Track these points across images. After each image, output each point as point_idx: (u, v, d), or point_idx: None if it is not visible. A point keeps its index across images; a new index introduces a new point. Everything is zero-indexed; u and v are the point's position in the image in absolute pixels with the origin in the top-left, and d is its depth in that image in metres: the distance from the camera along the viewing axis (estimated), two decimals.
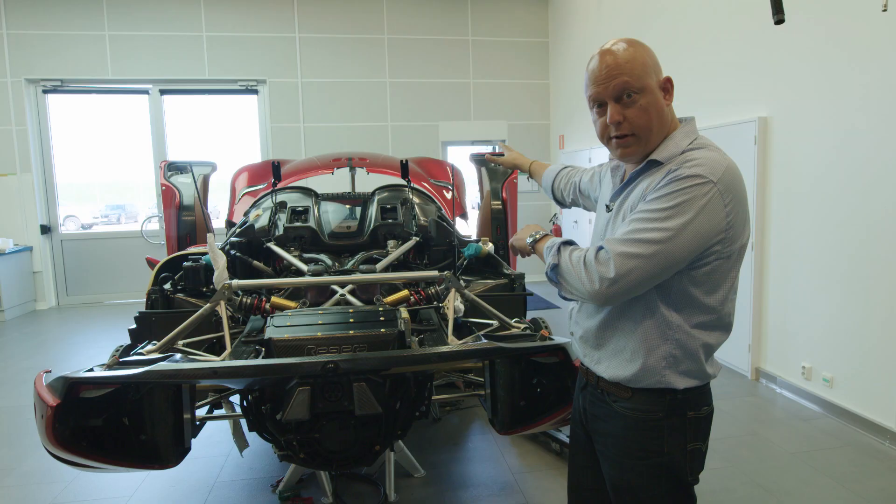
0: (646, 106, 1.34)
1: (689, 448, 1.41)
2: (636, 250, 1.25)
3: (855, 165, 3.58)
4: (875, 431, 3.48)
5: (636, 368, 1.39)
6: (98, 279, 8.09)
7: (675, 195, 1.26)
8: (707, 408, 1.45)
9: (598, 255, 1.30)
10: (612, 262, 1.27)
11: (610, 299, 1.31)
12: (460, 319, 2.70)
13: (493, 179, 4.16)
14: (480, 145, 8.98)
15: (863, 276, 3.56)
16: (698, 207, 1.25)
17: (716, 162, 1.30)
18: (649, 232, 1.26)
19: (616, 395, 1.44)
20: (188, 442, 2.02)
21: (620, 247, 1.27)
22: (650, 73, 1.35)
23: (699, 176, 1.26)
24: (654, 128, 1.37)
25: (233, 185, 4.60)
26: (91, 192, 9.30)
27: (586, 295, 1.32)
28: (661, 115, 1.37)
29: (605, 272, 1.27)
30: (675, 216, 1.25)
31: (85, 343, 6.07)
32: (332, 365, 1.73)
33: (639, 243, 1.26)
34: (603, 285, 1.28)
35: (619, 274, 1.26)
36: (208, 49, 7.94)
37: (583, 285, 1.31)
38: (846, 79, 3.62)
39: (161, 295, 2.87)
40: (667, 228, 1.25)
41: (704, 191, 1.25)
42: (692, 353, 1.38)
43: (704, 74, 4.97)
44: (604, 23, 7.04)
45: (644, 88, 1.34)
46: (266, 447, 3.24)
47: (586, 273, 1.30)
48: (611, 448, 1.48)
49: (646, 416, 1.40)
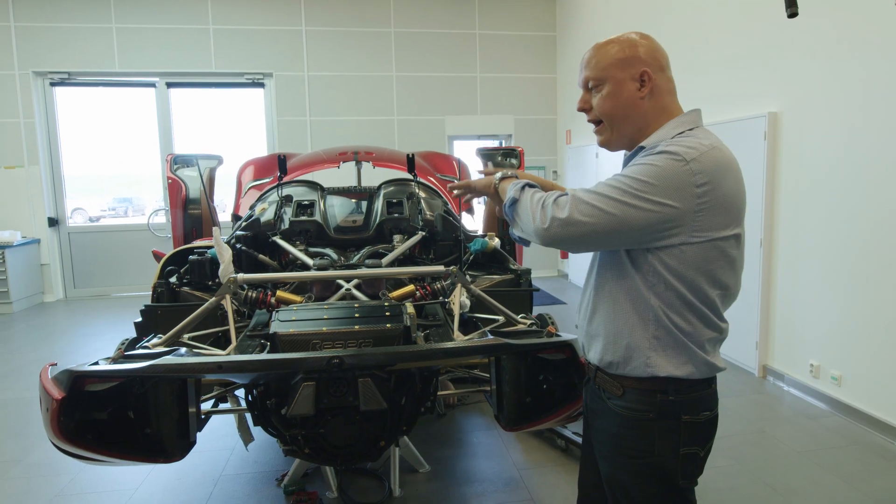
0: (607, 94, 1.42)
1: (682, 452, 1.39)
2: (595, 202, 1.29)
3: (864, 162, 3.54)
4: (883, 430, 3.45)
5: (621, 350, 1.40)
6: (105, 272, 8.12)
7: (645, 167, 1.29)
8: (707, 413, 1.41)
9: (558, 200, 1.33)
10: (569, 206, 1.30)
11: (554, 241, 1.33)
12: (466, 315, 2.69)
13: None
14: (487, 140, 8.95)
15: (872, 273, 3.52)
16: (663, 180, 1.26)
17: (697, 145, 1.30)
18: (613, 191, 1.29)
19: (610, 393, 1.45)
20: (193, 436, 2.02)
21: (582, 195, 1.31)
22: (618, 66, 1.41)
23: (673, 153, 1.28)
24: (620, 115, 1.43)
25: (239, 179, 4.60)
26: (98, 185, 9.33)
27: (533, 232, 1.36)
28: (631, 105, 1.42)
29: (558, 213, 1.31)
30: (640, 184, 1.27)
31: (91, 336, 6.10)
32: (337, 360, 1.73)
33: (600, 197, 1.29)
34: (553, 224, 1.31)
35: (571, 219, 1.29)
36: (215, 42, 7.93)
37: (533, 222, 1.35)
38: (857, 75, 3.57)
39: (167, 288, 2.87)
40: (630, 192, 1.27)
41: (674, 166, 1.26)
42: (677, 340, 1.36)
43: (715, 69, 4.92)
44: (612, 16, 6.98)
45: (607, 79, 1.42)
46: (271, 441, 3.25)
47: (541, 212, 1.34)
48: (605, 445, 1.49)
49: (637, 415, 1.40)
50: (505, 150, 4.26)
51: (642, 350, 1.37)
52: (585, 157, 7.69)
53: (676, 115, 1.43)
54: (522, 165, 4.16)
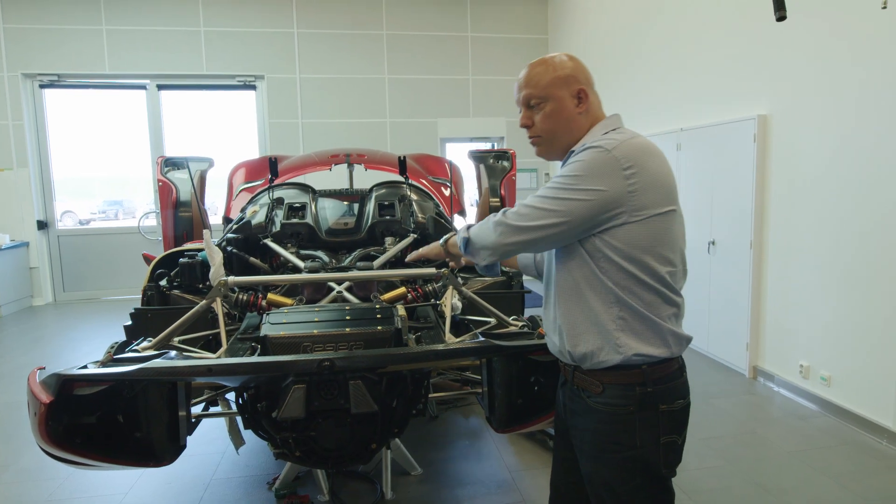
0: (550, 112, 1.53)
1: (663, 441, 1.46)
2: (539, 205, 1.40)
3: (854, 164, 3.57)
4: (872, 430, 3.48)
5: (591, 338, 1.45)
6: (95, 275, 8.07)
7: (574, 164, 1.41)
8: (682, 401, 1.49)
9: (506, 213, 1.45)
10: (517, 215, 1.43)
11: (511, 247, 1.45)
12: (458, 317, 2.69)
13: (492, 176, 4.15)
14: (479, 142, 8.96)
15: (861, 275, 3.55)
16: (593, 169, 1.37)
17: (617, 137, 1.43)
18: (551, 192, 1.41)
19: (589, 391, 1.49)
20: (183, 439, 2.00)
21: (526, 203, 1.44)
22: (558, 85, 1.52)
23: (596, 147, 1.40)
24: (560, 131, 1.54)
25: (230, 181, 4.58)
26: (88, 188, 9.24)
27: (491, 246, 1.47)
28: (570, 121, 1.53)
29: (509, 222, 1.43)
30: (573, 179, 1.38)
31: (81, 340, 6.06)
32: (327, 363, 1.72)
33: (542, 199, 1.41)
34: (507, 233, 1.43)
35: (521, 225, 1.41)
36: (206, 44, 7.90)
37: (489, 239, 1.47)
38: (846, 77, 3.60)
39: (157, 291, 2.85)
40: (566, 188, 1.38)
41: (600, 156, 1.38)
42: (641, 316, 1.42)
43: (704, 71, 4.95)
44: (604, 19, 7.02)
45: (548, 97, 1.52)
46: (262, 445, 3.23)
47: (493, 228, 1.46)
48: (586, 443, 1.52)
49: (617, 409, 1.45)
50: (497, 153, 4.27)
51: (610, 333, 1.43)
52: None
53: (610, 118, 1.56)
54: (514, 167, 4.17)
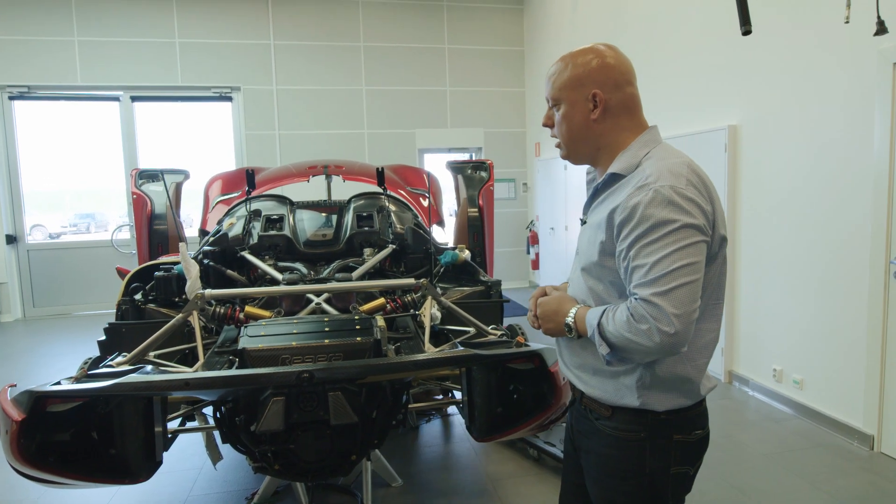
0: (562, 117, 1.41)
1: (674, 472, 1.37)
2: (670, 284, 1.19)
3: (823, 174, 3.67)
4: (844, 431, 3.56)
5: (612, 387, 1.37)
6: (67, 290, 7.90)
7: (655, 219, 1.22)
8: (700, 432, 1.39)
9: (637, 314, 1.20)
10: (658, 303, 1.18)
11: (682, 341, 1.20)
12: (437, 327, 2.70)
13: (470, 187, 4.18)
14: (457, 153, 9.01)
15: (830, 281, 3.65)
16: (685, 213, 1.22)
17: (672, 168, 1.28)
18: (666, 261, 1.20)
19: (597, 413, 1.41)
20: (160, 455, 1.98)
21: (651, 288, 1.20)
22: (571, 87, 1.38)
23: (662, 188, 1.23)
24: (577, 138, 1.41)
25: (206, 194, 4.54)
26: (60, 201, 9.07)
27: (657, 352, 1.22)
28: (584, 128, 1.39)
29: (658, 324, 1.18)
30: (674, 234, 1.21)
31: (53, 356, 5.92)
32: (306, 374, 1.72)
33: (665, 277, 1.19)
34: (666, 334, 1.17)
35: (675, 311, 1.18)
36: (181, 55, 7.85)
37: (646, 345, 1.20)
38: (811, 88, 3.71)
39: (131, 306, 2.81)
40: (678, 249, 1.20)
41: (673, 195, 1.23)
42: (670, 371, 1.33)
43: (677, 82, 5.06)
44: (578, 31, 7.14)
45: (563, 99, 1.39)
46: (240, 459, 3.19)
47: (643, 330, 1.19)
48: (593, 466, 1.45)
49: (627, 435, 1.36)
50: (475, 163, 4.31)
51: (633, 388, 1.34)
52: (554, 170, 7.80)
53: (638, 133, 1.39)
54: (492, 178, 4.21)
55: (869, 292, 3.37)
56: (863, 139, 3.37)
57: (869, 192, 3.34)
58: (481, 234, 4.03)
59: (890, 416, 3.31)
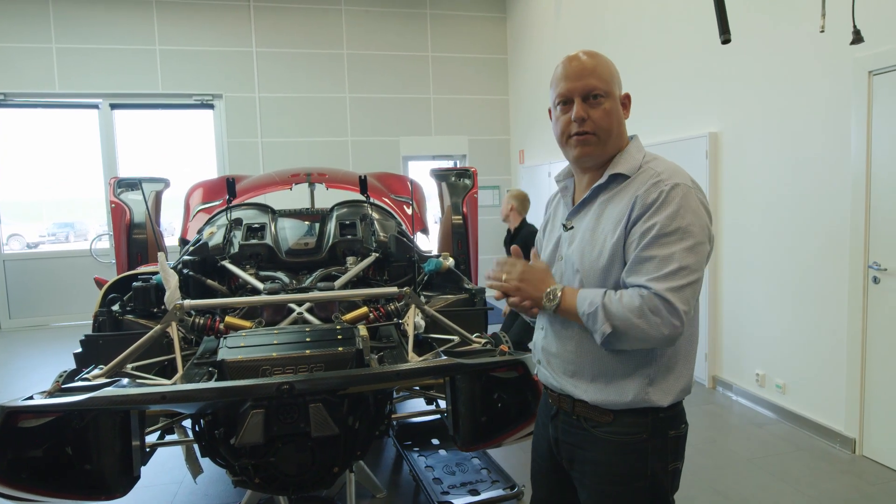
0: (609, 110, 1.40)
1: (671, 468, 1.40)
2: (683, 281, 1.26)
3: (802, 180, 3.72)
4: (825, 435, 3.59)
5: (619, 390, 1.36)
6: (44, 300, 7.75)
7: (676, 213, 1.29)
8: (685, 426, 1.45)
9: (651, 306, 1.25)
10: (672, 300, 1.24)
11: (678, 337, 1.29)
12: (421, 335, 2.68)
13: (454, 194, 4.17)
14: (441, 160, 9.02)
15: (811, 286, 3.69)
16: (697, 214, 1.31)
17: (678, 170, 1.38)
18: (680, 256, 1.27)
19: (595, 421, 1.39)
20: (137, 470, 1.93)
21: (667, 283, 1.25)
22: (616, 82, 1.43)
23: (680, 185, 1.32)
24: (614, 133, 1.42)
25: (187, 202, 4.49)
26: (37, 210, 8.92)
27: (657, 342, 1.29)
28: (620, 124, 1.43)
29: (672, 318, 1.24)
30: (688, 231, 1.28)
31: (28, 369, 5.79)
32: (286, 386, 1.69)
33: (679, 273, 1.26)
34: (675, 328, 1.25)
35: (685, 308, 1.25)
36: (162, 63, 7.77)
37: (653, 336, 1.26)
38: (791, 96, 3.77)
39: (109, 317, 2.75)
40: (691, 247, 1.28)
41: (691, 196, 1.32)
42: (672, 366, 1.38)
43: (659, 90, 5.11)
44: (560, 40, 7.19)
45: (609, 93, 1.40)
46: (221, 473, 3.13)
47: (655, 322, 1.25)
48: (588, 476, 1.42)
49: (629, 438, 1.36)
50: (459, 171, 4.30)
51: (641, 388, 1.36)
52: (538, 177, 7.83)
53: (629, 139, 1.47)
54: (476, 185, 4.21)
55: (849, 297, 3.41)
56: (841, 146, 3.42)
57: (848, 198, 3.39)
58: (465, 242, 4.03)
59: (871, 419, 3.35)
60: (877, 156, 3.23)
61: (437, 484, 2.97)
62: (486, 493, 2.88)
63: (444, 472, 3.12)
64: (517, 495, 2.86)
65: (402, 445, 3.49)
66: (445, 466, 3.18)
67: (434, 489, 2.91)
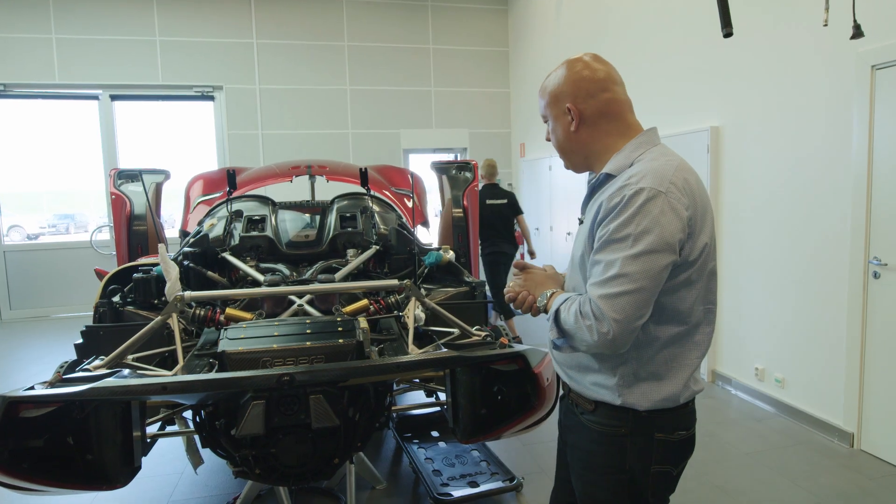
0: (551, 132, 1.48)
1: (654, 470, 1.38)
2: (618, 289, 1.22)
3: (803, 175, 3.71)
4: (824, 429, 3.60)
5: (595, 385, 1.40)
6: (45, 292, 7.75)
7: (630, 219, 1.24)
8: (683, 433, 1.40)
9: (584, 310, 1.26)
10: (602, 306, 1.22)
11: (618, 344, 1.24)
12: (421, 328, 2.69)
13: (454, 187, 4.16)
14: (442, 153, 9.00)
15: (811, 280, 3.69)
16: (656, 221, 1.23)
17: (658, 169, 1.29)
18: (621, 264, 1.23)
19: (582, 408, 1.45)
20: (138, 461, 1.93)
21: (601, 290, 1.24)
22: (551, 104, 1.44)
23: (645, 189, 1.24)
24: (564, 149, 1.47)
25: (187, 194, 4.48)
26: (37, 202, 8.91)
27: (595, 348, 1.28)
28: (568, 139, 1.44)
29: (599, 325, 1.23)
30: (638, 239, 1.22)
31: (29, 360, 5.80)
32: (287, 377, 1.69)
33: (616, 280, 1.22)
34: (603, 335, 1.23)
35: (615, 317, 1.21)
36: (162, 54, 7.74)
37: (585, 340, 1.27)
38: (793, 90, 3.75)
39: (109, 308, 2.76)
40: (636, 255, 1.22)
41: (657, 202, 1.24)
42: (655, 372, 1.35)
43: (661, 84, 5.09)
44: (562, 33, 7.16)
45: (547, 116, 1.47)
46: (221, 463, 3.14)
47: (588, 332, 1.25)
48: (576, 460, 1.48)
49: (609, 430, 1.39)
50: (459, 164, 4.30)
51: (615, 387, 1.37)
52: (539, 170, 7.82)
53: (628, 136, 1.40)
54: (476, 178, 4.20)
55: (849, 291, 3.41)
56: (842, 140, 3.41)
57: (849, 193, 3.38)
58: (466, 235, 4.02)
59: (869, 413, 3.36)
60: (878, 150, 3.22)
61: (436, 476, 2.98)
62: (485, 485, 2.90)
63: (443, 463, 3.13)
64: (516, 487, 2.88)
65: (402, 437, 3.51)
66: (445, 458, 3.19)
67: (433, 481, 2.92)
